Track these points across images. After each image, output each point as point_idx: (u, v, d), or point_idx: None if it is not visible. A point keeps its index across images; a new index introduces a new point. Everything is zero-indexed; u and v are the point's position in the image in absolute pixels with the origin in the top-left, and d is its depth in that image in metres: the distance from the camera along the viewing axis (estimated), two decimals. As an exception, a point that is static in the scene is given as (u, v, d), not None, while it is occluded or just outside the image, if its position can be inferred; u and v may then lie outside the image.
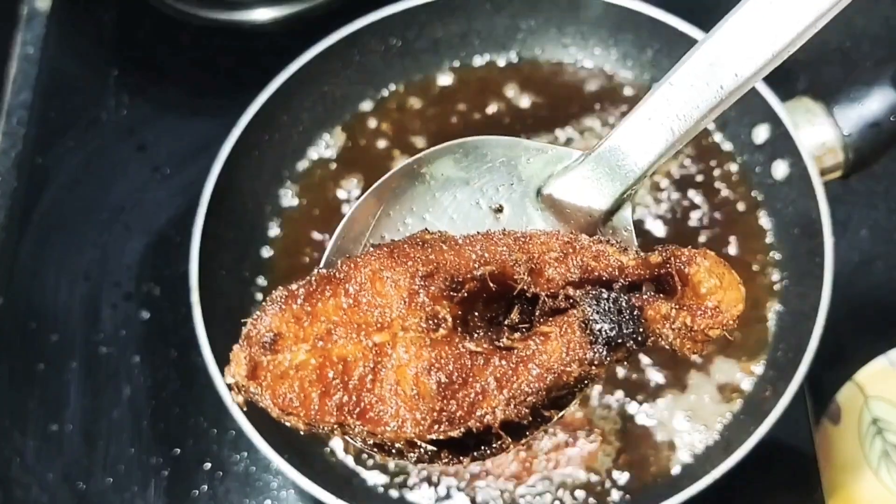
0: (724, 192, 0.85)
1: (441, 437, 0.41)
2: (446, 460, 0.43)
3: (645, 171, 0.45)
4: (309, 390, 0.41)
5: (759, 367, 0.78)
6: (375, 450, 0.43)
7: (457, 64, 0.93)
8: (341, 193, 0.88)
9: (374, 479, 0.76)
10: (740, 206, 0.85)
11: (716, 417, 0.77)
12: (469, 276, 0.43)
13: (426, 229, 0.46)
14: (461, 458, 0.43)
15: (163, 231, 0.93)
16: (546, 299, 0.42)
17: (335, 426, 0.41)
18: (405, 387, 0.41)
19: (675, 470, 0.75)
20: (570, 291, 0.42)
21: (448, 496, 0.75)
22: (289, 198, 0.88)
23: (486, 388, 0.41)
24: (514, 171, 0.49)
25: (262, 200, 0.87)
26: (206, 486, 0.82)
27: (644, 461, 0.76)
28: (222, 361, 0.72)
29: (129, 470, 0.83)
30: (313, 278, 0.44)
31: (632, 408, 0.77)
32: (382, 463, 0.76)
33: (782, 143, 0.80)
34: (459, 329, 0.42)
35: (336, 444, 0.77)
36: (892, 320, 0.91)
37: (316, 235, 0.87)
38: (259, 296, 0.84)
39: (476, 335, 0.42)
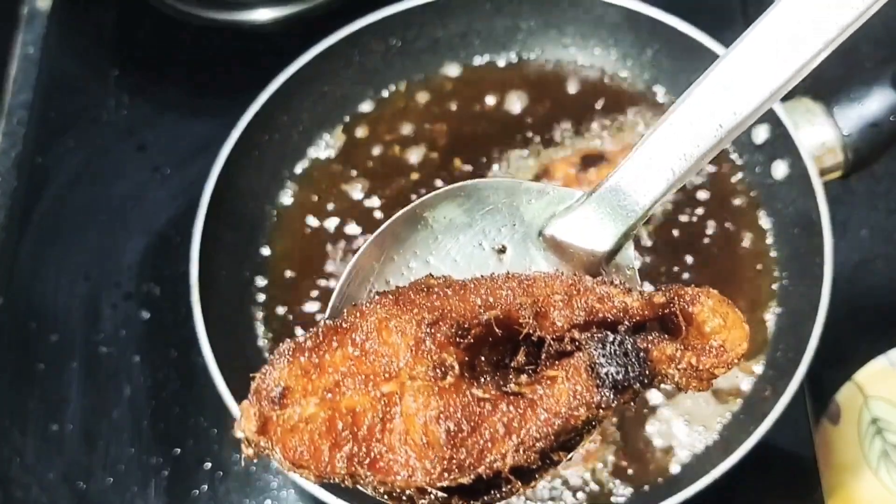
0: (724, 192, 0.85)
1: (451, 485, 0.41)
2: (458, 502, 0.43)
3: (647, 210, 0.45)
4: (319, 443, 0.42)
5: (758, 367, 0.78)
6: (386, 497, 0.43)
7: (457, 64, 0.93)
8: (341, 194, 0.88)
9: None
10: (740, 206, 0.85)
11: (715, 418, 0.77)
12: (475, 321, 0.43)
13: (430, 274, 0.46)
14: (471, 503, 0.43)
15: (163, 231, 0.93)
16: (552, 342, 0.43)
17: (346, 477, 0.42)
18: (414, 436, 0.41)
19: (675, 470, 0.75)
20: (576, 334, 0.42)
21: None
22: (289, 198, 0.88)
23: (495, 434, 0.41)
24: (516, 212, 0.49)
25: (262, 200, 0.87)
26: (206, 486, 0.82)
27: (644, 461, 0.76)
28: (222, 361, 0.73)
29: (130, 470, 0.83)
30: (320, 329, 0.44)
31: (631, 408, 0.77)
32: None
33: (782, 143, 0.80)
34: (466, 375, 0.42)
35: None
36: (891, 320, 0.91)
37: (316, 236, 0.87)
38: (260, 296, 0.84)
39: (483, 380, 0.43)
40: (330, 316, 0.46)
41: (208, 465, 0.83)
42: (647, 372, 0.42)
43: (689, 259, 0.82)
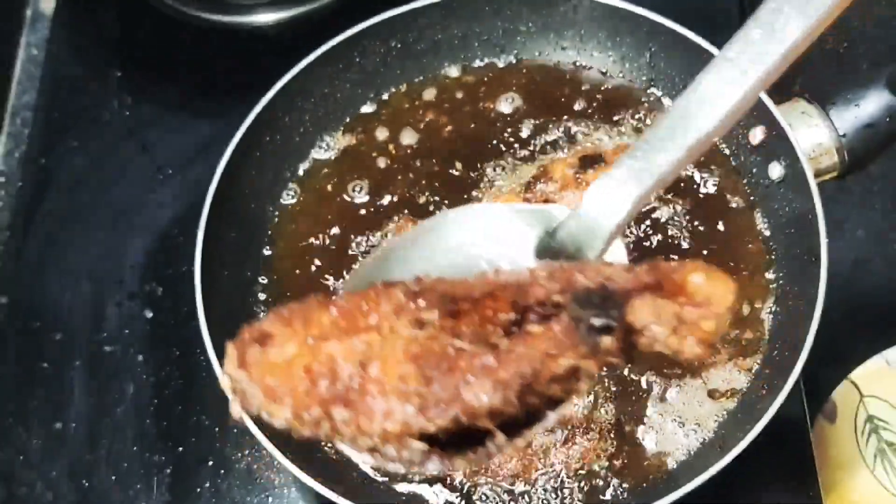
0: (721, 194, 0.86)
1: (429, 433, 0.42)
2: (436, 462, 0.43)
3: (623, 221, 0.49)
4: (297, 383, 0.43)
5: (754, 366, 0.79)
6: (367, 453, 0.44)
7: (457, 66, 0.94)
8: (343, 195, 0.89)
9: (377, 474, 0.76)
10: (736, 207, 0.85)
11: (711, 416, 0.77)
12: (460, 295, 0.45)
13: (420, 276, 0.48)
14: (452, 459, 0.43)
15: (166, 231, 0.94)
16: (536, 308, 0.44)
17: (322, 420, 0.42)
18: (392, 379, 0.42)
19: (671, 467, 0.76)
20: (558, 298, 0.43)
21: (447, 493, 0.75)
22: (291, 198, 0.89)
23: (473, 375, 0.42)
24: (508, 237, 0.52)
25: (265, 201, 0.88)
26: (208, 484, 0.83)
27: (640, 459, 0.76)
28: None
29: (133, 467, 0.84)
30: (308, 301, 0.46)
31: (629, 407, 0.78)
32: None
33: (778, 145, 0.81)
34: (448, 330, 0.44)
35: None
36: (887, 320, 0.92)
37: (317, 236, 0.87)
38: (262, 295, 0.85)
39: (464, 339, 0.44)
40: None
41: (211, 462, 0.83)
42: (625, 316, 0.42)
43: (685, 259, 0.83)
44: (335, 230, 0.87)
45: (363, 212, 0.88)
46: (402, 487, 0.76)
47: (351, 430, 0.42)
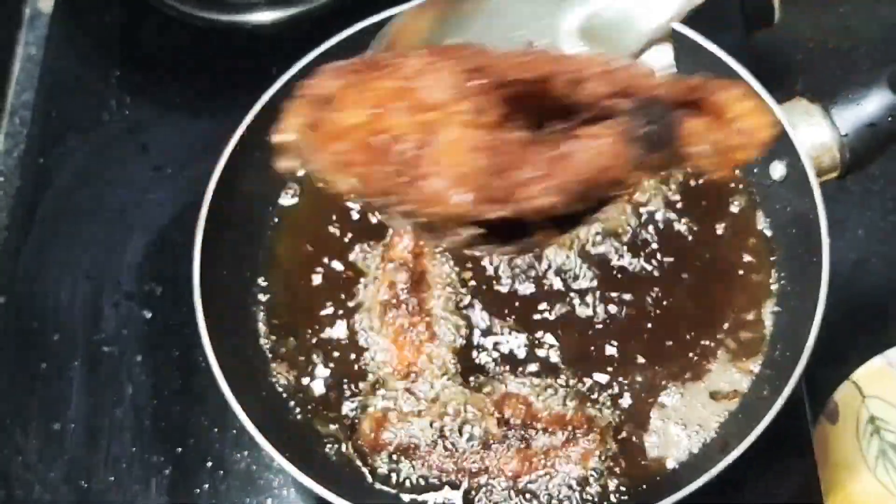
0: (722, 194, 0.86)
1: (481, 220, 0.42)
2: (487, 244, 0.44)
3: (670, 19, 0.48)
4: (361, 153, 0.42)
5: (756, 367, 0.79)
6: (420, 228, 0.44)
7: (457, 65, 0.93)
8: (342, 194, 0.88)
9: (375, 477, 0.76)
10: (738, 207, 0.85)
11: (713, 418, 0.77)
12: (515, 77, 0.44)
13: (467, 41, 0.47)
14: (499, 247, 0.44)
15: (165, 231, 0.94)
16: (587, 106, 0.43)
17: (381, 195, 0.42)
18: (453, 162, 0.41)
19: (673, 468, 0.76)
20: (611, 101, 0.43)
21: (447, 494, 0.75)
22: (290, 198, 0.89)
23: (530, 173, 0.41)
24: (553, 11, 0.51)
25: (264, 201, 0.88)
26: (207, 485, 0.82)
27: (642, 460, 0.76)
28: (224, 361, 0.73)
29: (131, 468, 0.83)
30: (365, 57, 0.46)
31: (630, 408, 0.78)
32: (381, 457, 0.77)
33: (780, 144, 0.80)
34: (506, 120, 0.43)
35: (336, 442, 0.78)
36: (888, 320, 0.92)
37: (317, 235, 0.87)
38: (261, 296, 0.85)
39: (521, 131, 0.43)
40: None
41: (210, 463, 0.83)
42: (678, 135, 0.42)
43: (686, 259, 0.83)
44: (336, 230, 0.87)
45: (364, 211, 0.87)
46: (400, 491, 0.76)
47: (407, 208, 0.42)
